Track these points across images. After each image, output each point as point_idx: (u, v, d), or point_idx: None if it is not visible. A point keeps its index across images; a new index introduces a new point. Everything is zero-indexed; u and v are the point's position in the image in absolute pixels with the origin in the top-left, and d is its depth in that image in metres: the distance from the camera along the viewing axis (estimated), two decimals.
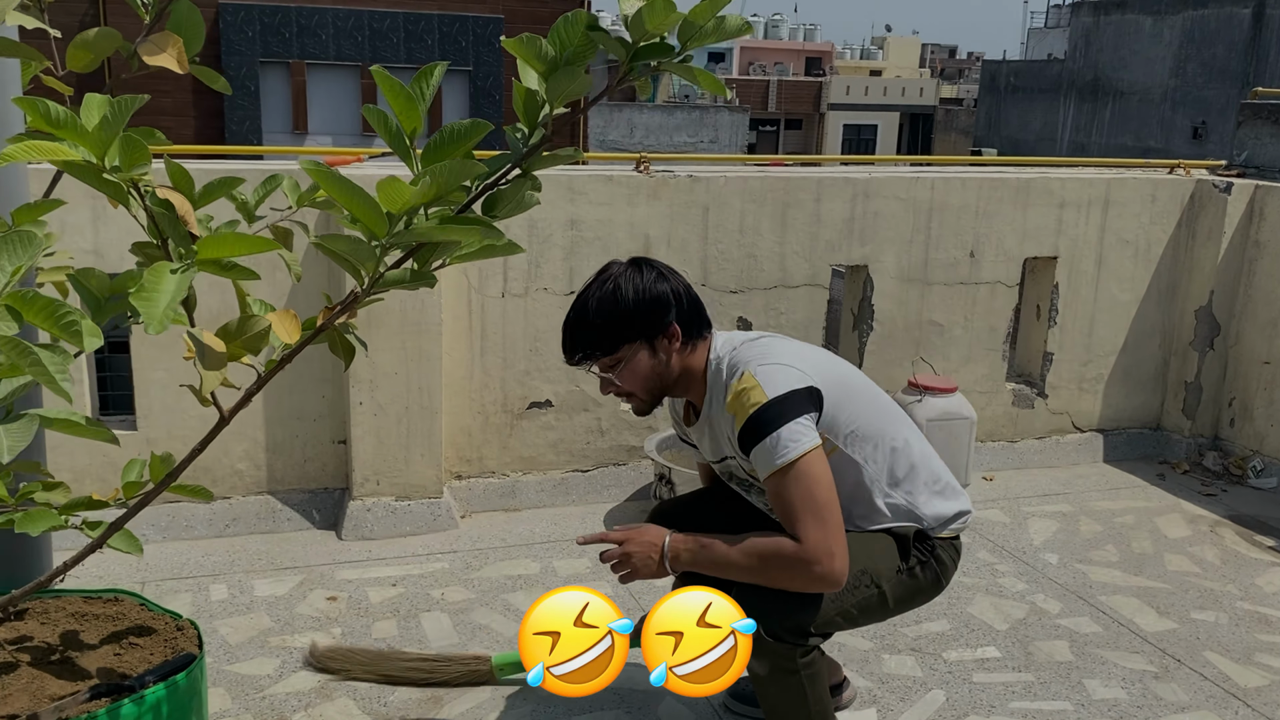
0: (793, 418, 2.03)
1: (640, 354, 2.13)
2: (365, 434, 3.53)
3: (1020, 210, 4.18)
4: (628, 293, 2.11)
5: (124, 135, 1.27)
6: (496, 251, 1.51)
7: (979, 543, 3.68)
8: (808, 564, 2.00)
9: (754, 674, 2.08)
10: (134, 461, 1.94)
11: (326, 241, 1.35)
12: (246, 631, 2.96)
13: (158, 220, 1.33)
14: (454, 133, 1.37)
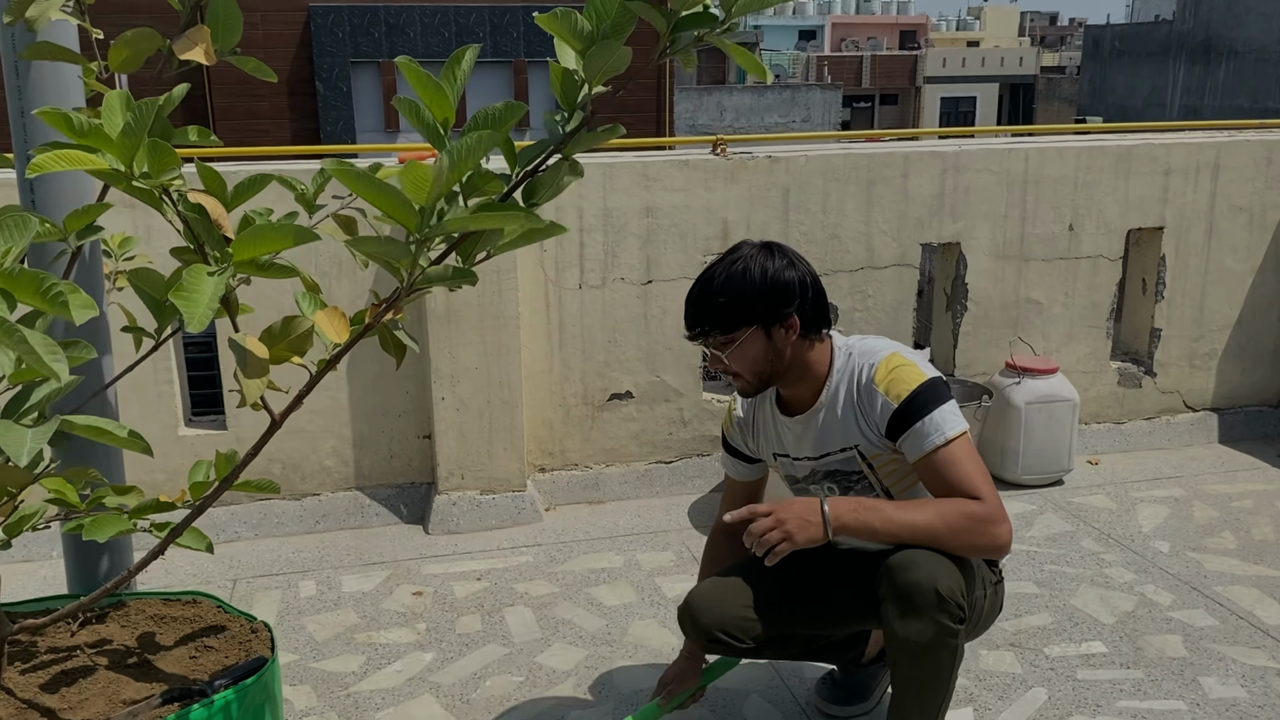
0: (950, 398, 2.08)
1: (756, 339, 2.11)
2: (448, 429, 3.53)
3: (1122, 179, 3.96)
4: (754, 276, 2.09)
5: (150, 141, 1.25)
6: (538, 236, 1.44)
7: (1083, 531, 3.50)
8: (991, 521, 2.00)
9: (907, 642, 1.98)
10: (200, 463, 1.94)
11: (357, 245, 1.30)
12: (333, 628, 2.98)
13: (191, 225, 1.31)
14: (488, 117, 1.31)
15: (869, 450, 2.16)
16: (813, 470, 2.26)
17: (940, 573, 1.95)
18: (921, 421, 2.04)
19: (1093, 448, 4.14)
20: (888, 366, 2.09)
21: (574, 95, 1.36)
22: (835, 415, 2.17)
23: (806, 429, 2.23)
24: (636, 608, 3.05)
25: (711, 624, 2.26)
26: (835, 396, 2.17)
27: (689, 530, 3.55)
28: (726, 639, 2.26)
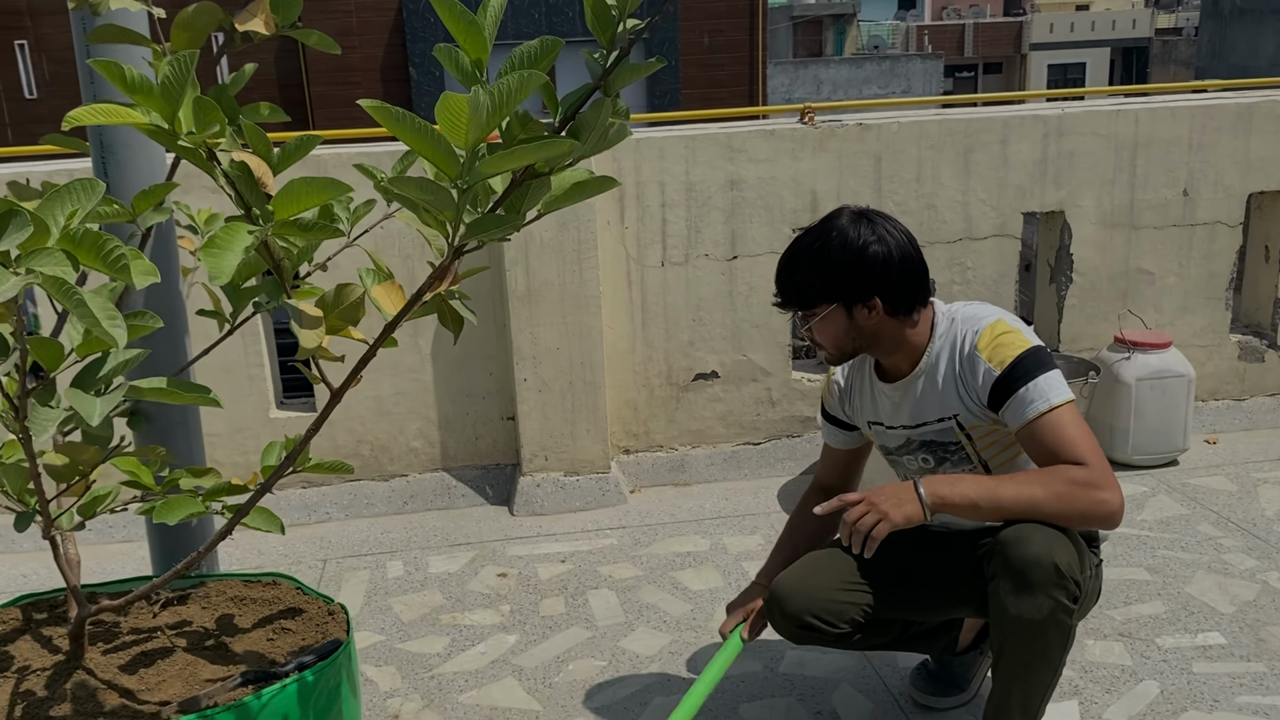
0: (1055, 366, 1.98)
1: (836, 315, 2.05)
2: (531, 410, 3.50)
3: (1242, 139, 3.70)
4: (836, 254, 2.02)
5: (196, 98, 1.21)
6: (588, 190, 1.36)
7: (1200, 514, 3.30)
8: (1098, 486, 1.88)
9: (1019, 620, 1.88)
10: (273, 445, 1.92)
11: (396, 185, 1.24)
12: (419, 609, 2.98)
13: (235, 183, 1.27)
14: (525, 56, 1.24)
15: (968, 420, 2.06)
16: (907, 440, 2.16)
17: (1057, 548, 1.85)
18: (1025, 388, 1.94)
19: (1211, 426, 3.90)
20: (992, 334, 2.00)
21: (609, 26, 1.28)
22: (935, 384, 2.08)
23: (905, 397, 2.14)
24: (722, 593, 2.98)
25: (800, 609, 2.16)
26: (935, 365, 2.08)
27: (777, 514, 3.46)
28: (819, 624, 2.16)
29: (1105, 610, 2.75)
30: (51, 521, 1.44)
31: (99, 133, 1.96)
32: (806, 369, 3.80)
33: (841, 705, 2.45)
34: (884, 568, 2.19)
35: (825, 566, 2.22)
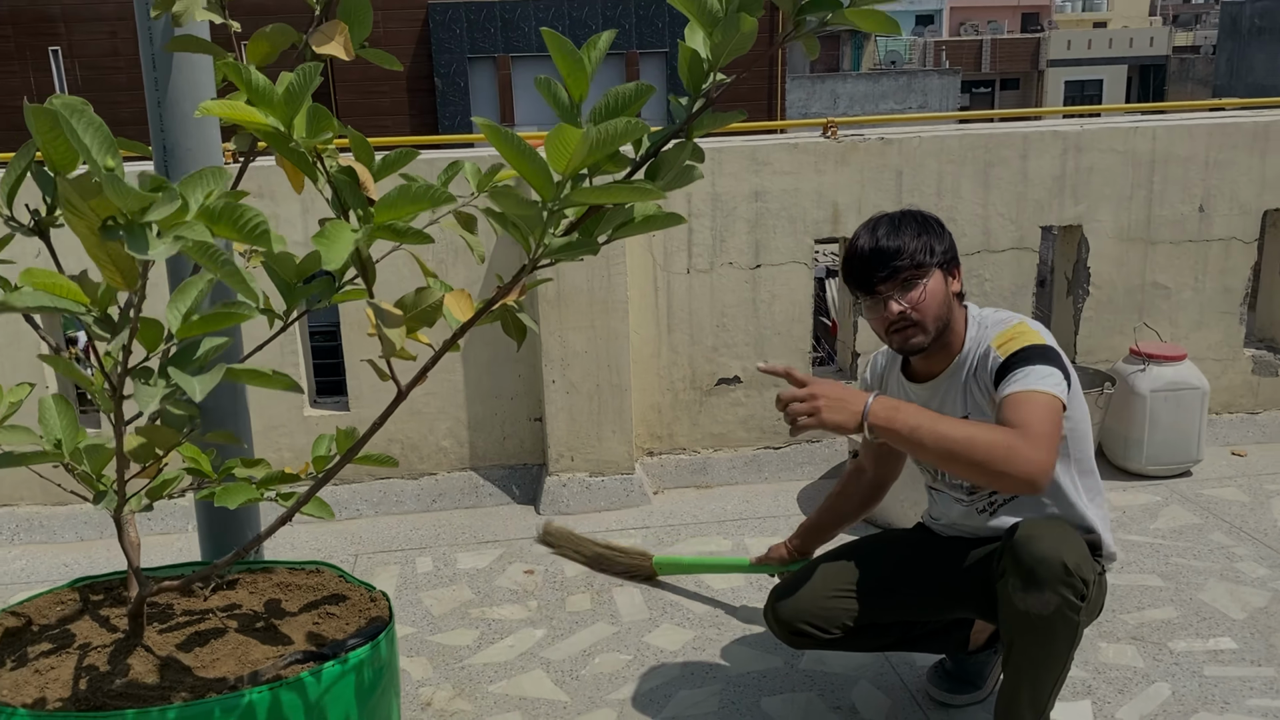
0: (1057, 368, 2.01)
1: (939, 282, 2.11)
2: (559, 411, 3.59)
3: (1258, 157, 3.77)
4: (932, 219, 2.15)
5: (311, 106, 1.31)
6: (656, 224, 1.46)
7: (1213, 523, 3.36)
8: (1023, 450, 1.86)
9: (1028, 616, 1.94)
10: (322, 437, 2.01)
11: (495, 199, 1.34)
12: (449, 603, 3.06)
13: (338, 187, 1.37)
14: (620, 97, 1.34)
15: (979, 417, 2.15)
16: None
17: (1066, 547, 1.92)
18: (1020, 369, 2.00)
19: (1224, 438, 3.96)
20: (1010, 331, 2.09)
21: (700, 78, 1.37)
22: (958, 380, 2.18)
23: (933, 395, 2.23)
24: (744, 592, 3.06)
25: (793, 616, 2.28)
26: (964, 364, 2.17)
27: (797, 516, 3.53)
28: (810, 630, 2.27)
29: (1118, 614, 2.82)
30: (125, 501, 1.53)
31: (162, 137, 2.06)
32: (826, 375, 3.88)
33: (860, 701, 2.53)
34: (881, 572, 2.30)
35: (821, 574, 2.34)
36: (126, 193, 1.05)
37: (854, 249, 2.15)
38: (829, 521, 2.62)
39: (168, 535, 3.55)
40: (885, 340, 2.19)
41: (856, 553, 2.37)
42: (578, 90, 1.37)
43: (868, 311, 2.18)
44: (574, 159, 1.30)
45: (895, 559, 2.34)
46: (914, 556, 2.34)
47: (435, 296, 1.55)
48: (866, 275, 2.11)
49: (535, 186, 1.36)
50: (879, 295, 2.11)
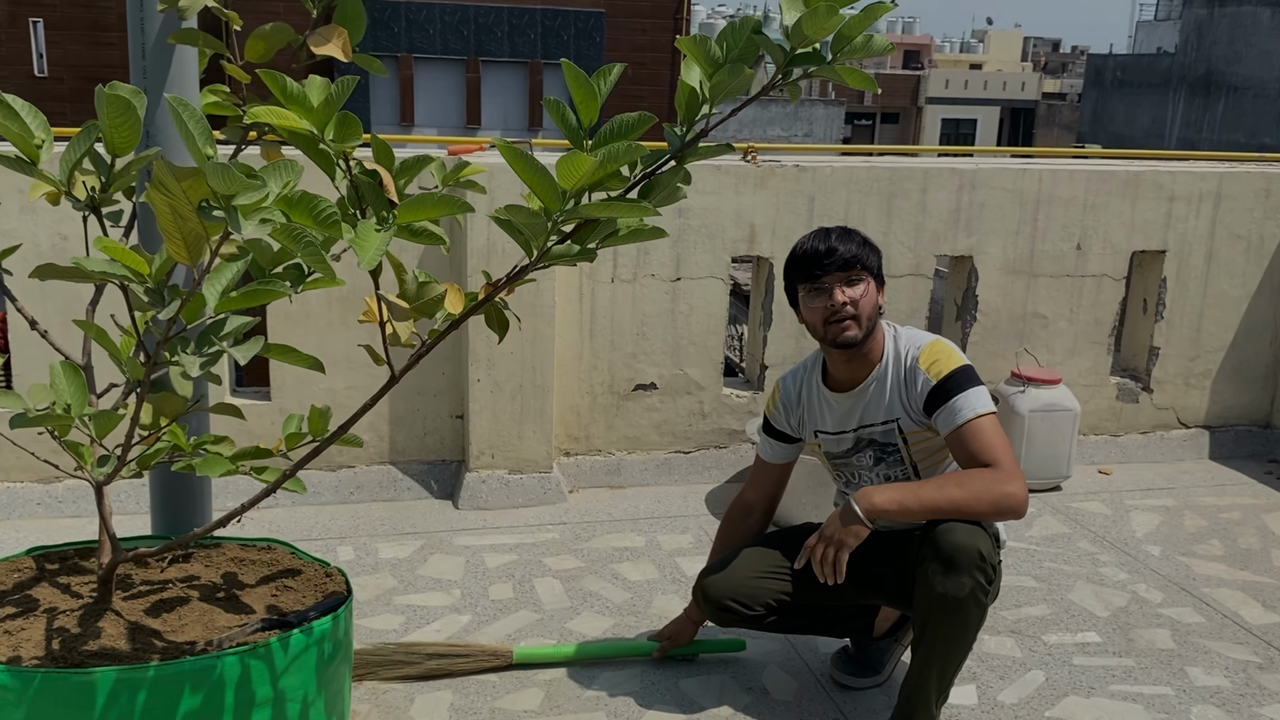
0: (982, 383, 2.34)
1: (873, 289, 2.40)
2: (482, 409, 3.71)
3: (1129, 203, 4.17)
4: (869, 239, 2.43)
5: (341, 113, 1.44)
6: (643, 236, 1.63)
7: (1079, 533, 3.70)
8: (1004, 483, 2.21)
9: (944, 597, 2.18)
10: (292, 416, 2.11)
11: (509, 214, 1.49)
12: (373, 590, 3.16)
13: (361, 189, 1.49)
14: (623, 124, 1.51)
15: (907, 426, 2.41)
16: (856, 440, 2.48)
17: (979, 538, 2.18)
18: (956, 398, 2.30)
19: (1090, 458, 4.34)
20: (931, 351, 2.37)
21: (695, 110, 1.55)
22: (882, 391, 2.42)
23: (855, 404, 2.46)
24: (659, 583, 3.24)
25: (721, 593, 2.49)
26: (884, 374, 2.42)
27: (706, 516, 3.74)
28: (736, 605, 2.48)
29: (999, 611, 3.10)
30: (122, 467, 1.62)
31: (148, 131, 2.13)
32: (736, 385, 4.11)
33: (770, 683, 2.73)
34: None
35: (749, 556, 2.56)
36: (231, 178, 1.16)
37: (804, 247, 2.40)
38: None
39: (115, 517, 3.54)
40: (820, 332, 2.41)
41: (783, 540, 2.58)
42: (588, 116, 1.53)
43: (810, 301, 2.40)
44: (583, 179, 1.47)
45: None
46: None
47: (437, 290, 1.68)
48: (817, 265, 2.37)
49: (543, 199, 1.52)
50: (825, 286, 2.36)
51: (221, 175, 1.16)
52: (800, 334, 3.99)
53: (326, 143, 1.46)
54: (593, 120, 1.54)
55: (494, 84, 15.09)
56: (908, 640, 2.76)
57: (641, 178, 1.61)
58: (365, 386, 3.75)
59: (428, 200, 1.48)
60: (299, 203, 1.31)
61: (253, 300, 1.40)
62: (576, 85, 1.50)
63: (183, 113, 1.17)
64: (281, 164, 1.32)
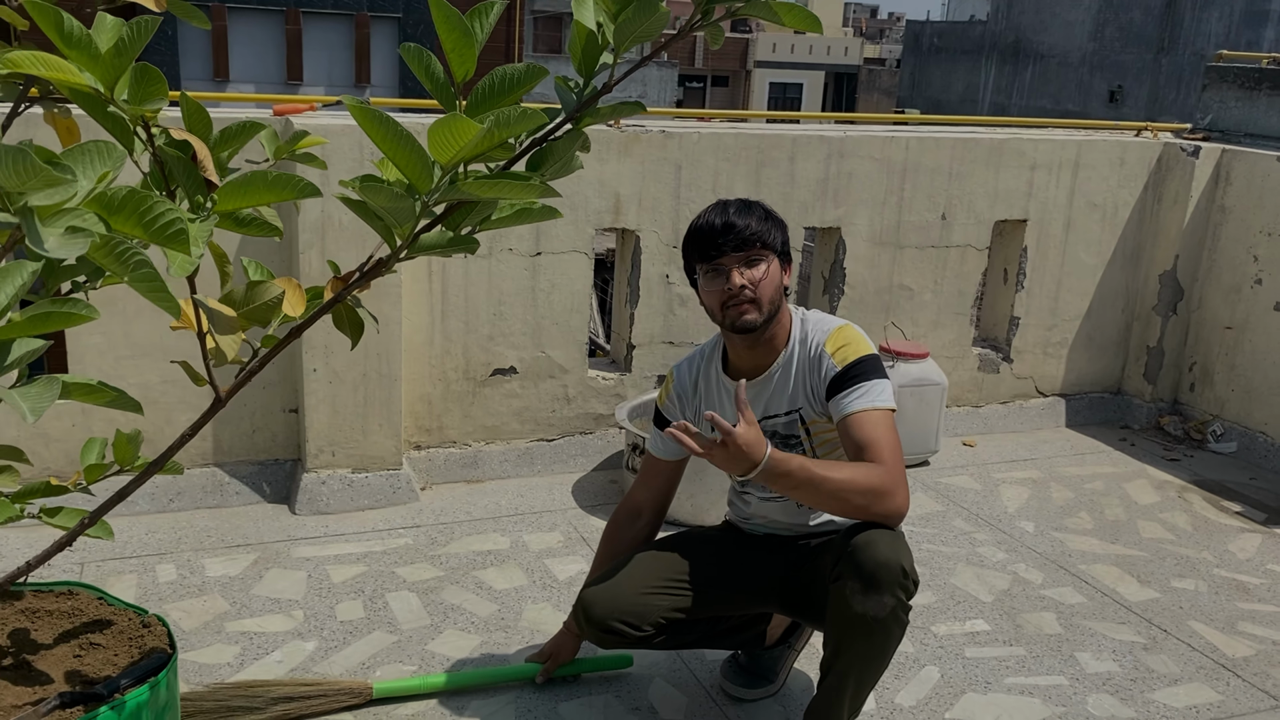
0: (886, 378, 2.15)
1: (775, 269, 2.18)
2: (319, 403, 3.32)
3: (993, 172, 4.10)
4: (773, 212, 2.22)
5: (138, 65, 1.08)
6: (533, 217, 1.34)
7: (954, 510, 3.62)
8: (890, 491, 2.01)
9: (864, 618, 1.96)
10: (93, 441, 1.73)
11: (366, 194, 1.16)
12: (201, 616, 2.76)
13: (168, 164, 1.14)
14: (506, 79, 1.20)
15: (809, 415, 2.21)
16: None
17: (901, 551, 1.99)
18: (857, 385, 2.11)
19: (953, 429, 4.29)
20: (840, 337, 2.17)
21: (595, 60, 1.26)
22: (787, 379, 2.22)
23: (759, 394, 2.25)
24: (528, 591, 2.96)
25: (605, 614, 2.23)
26: (789, 361, 2.22)
27: (575, 510, 3.48)
28: (623, 627, 2.23)
29: None
30: None
31: None
32: (601, 367, 3.84)
33: (657, 700, 2.51)
34: (692, 570, 2.29)
35: (636, 569, 2.30)
36: (25, 169, 0.81)
37: (702, 223, 2.17)
38: None
39: None
40: (719, 315, 2.18)
41: (667, 552, 2.34)
42: (462, 69, 1.22)
43: (707, 284, 2.18)
44: (463, 151, 1.16)
45: (706, 557, 2.33)
46: (724, 554, 2.35)
47: (272, 292, 1.34)
48: (714, 245, 2.14)
49: (411, 177, 1.21)
50: (722, 266, 2.14)
51: (11, 164, 0.81)
52: (668, 310, 3.75)
53: (119, 104, 1.10)
54: (468, 74, 1.23)
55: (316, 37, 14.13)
56: (801, 645, 2.58)
57: (530, 146, 1.31)
58: (183, 380, 3.30)
59: (258, 181, 1.14)
60: (124, 204, 0.95)
61: (44, 326, 1.04)
62: (448, 29, 1.18)
63: None
64: (95, 146, 0.96)
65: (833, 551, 2.04)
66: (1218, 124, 4.58)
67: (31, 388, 1.03)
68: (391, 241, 1.26)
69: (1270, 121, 4.38)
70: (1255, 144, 4.39)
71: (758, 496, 2.33)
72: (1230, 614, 3.02)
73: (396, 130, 1.14)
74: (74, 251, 0.88)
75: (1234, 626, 2.96)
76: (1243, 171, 4.18)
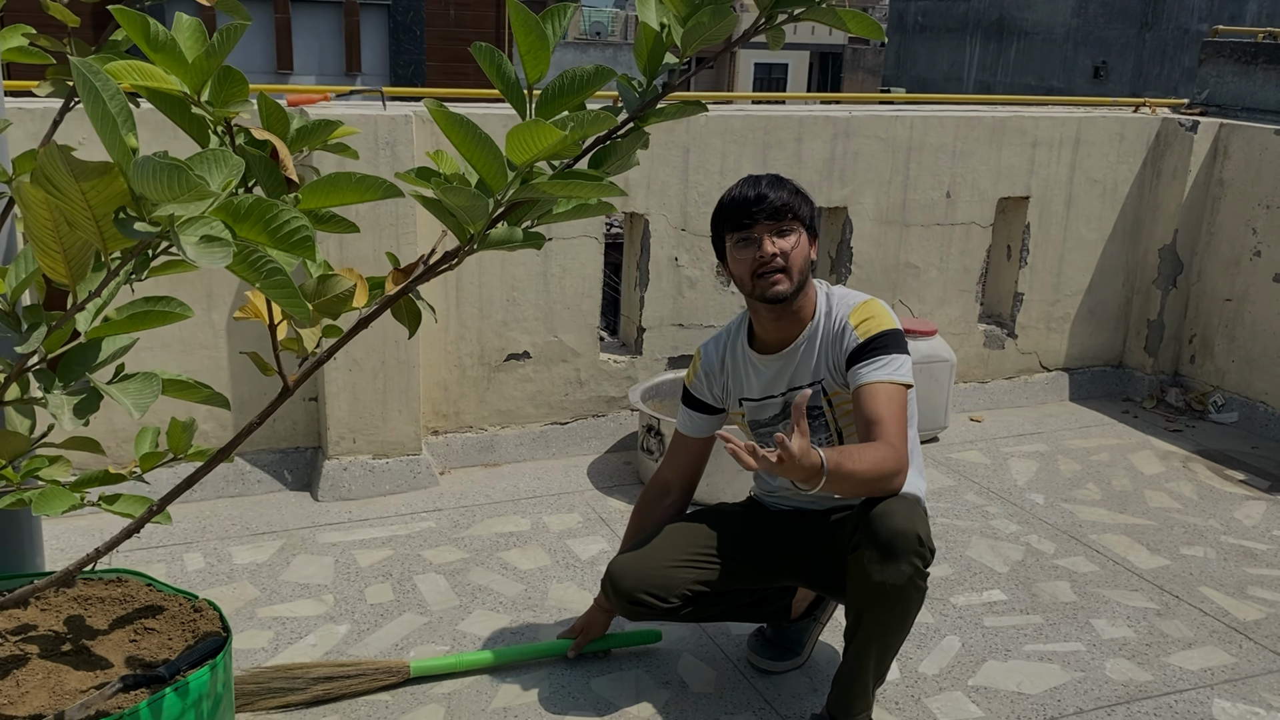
0: (907, 354, 2.19)
1: (805, 240, 2.23)
2: (340, 390, 3.36)
3: (995, 150, 4.14)
4: (803, 189, 2.27)
5: (223, 67, 1.11)
6: (589, 212, 1.38)
7: (965, 485, 3.68)
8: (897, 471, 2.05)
9: (883, 586, 2.01)
10: (146, 430, 1.77)
11: (446, 195, 1.20)
12: (232, 603, 2.80)
13: (251, 164, 1.17)
14: (575, 80, 1.23)
15: (831, 387, 2.25)
16: (784, 405, 2.31)
17: (917, 520, 2.04)
18: (876, 357, 2.15)
19: (960, 405, 4.34)
20: (866, 310, 2.22)
21: (659, 60, 1.29)
22: (812, 352, 2.26)
23: (785, 366, 2.29)
24: (552, 571, 3.01)
25: (633, 586, 2.28)
26: (815, 333, 2.26)
27: (592, 491, 3.52)
28: (650, 599, 2.28)
29: None
30: None
31: None
32: (613, 351, 3.88)
33: (687, 674, 2.56)
34: (718, 543, 2.34)
35: (663, 542, 2.34)
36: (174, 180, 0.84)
37: (735, 194, 2.22)
38: None
39: None
40: (749, 285, 2.21)
41: (693, 525, 2.39)
42: (536, 70, 1.25)
43: (738, 252, 2.21)
44: (541, 153, 1.20)
45: (731, 531, 2.38)
46: (748, 528, 2.39)
47: (344, 285, 1.37)
48: (747, 214, 2.18)
49: (486, 176, 1.24)
50: (754, 236, 2.18)
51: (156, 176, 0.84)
52: (677, 293, 3.79)
53: (203, 106, 1.13)
54: (542, 75, 1.26)
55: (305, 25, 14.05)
56: (826, 618, 2.64)
57: (594, 145, 1.35)
58: (203, 371, 3.33)
59: (343, 182, 1.17)
60: (251, 211, 0.99)
61: (143, 324, 1.07)
62: (525, 32, 1.21)
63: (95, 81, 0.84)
64: (214, 155, 0.99)
65: (850, 523, 2.09)
66: (1215, 98, 4.63)
67: (132, 384, 1.07)
68: (462, 236, 1.30)
69: (1266, 95, 4.43)
70: (1252, 118, 4.44)
71: None
72: (1239, 579, 3.09)
73: (475, 132, 1.18)
74: (218, 261, 0.91)
75: (1244, 591, 3.02)
76: (1240, 145, 4.23)
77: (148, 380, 1.09)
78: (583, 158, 1.33)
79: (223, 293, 3.29)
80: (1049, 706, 2.47)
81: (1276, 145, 4.11)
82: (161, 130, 2.88)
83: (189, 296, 3.23)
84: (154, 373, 1.12)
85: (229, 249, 0.92)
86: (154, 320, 1.07)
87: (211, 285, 3.25)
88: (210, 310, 3.29)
